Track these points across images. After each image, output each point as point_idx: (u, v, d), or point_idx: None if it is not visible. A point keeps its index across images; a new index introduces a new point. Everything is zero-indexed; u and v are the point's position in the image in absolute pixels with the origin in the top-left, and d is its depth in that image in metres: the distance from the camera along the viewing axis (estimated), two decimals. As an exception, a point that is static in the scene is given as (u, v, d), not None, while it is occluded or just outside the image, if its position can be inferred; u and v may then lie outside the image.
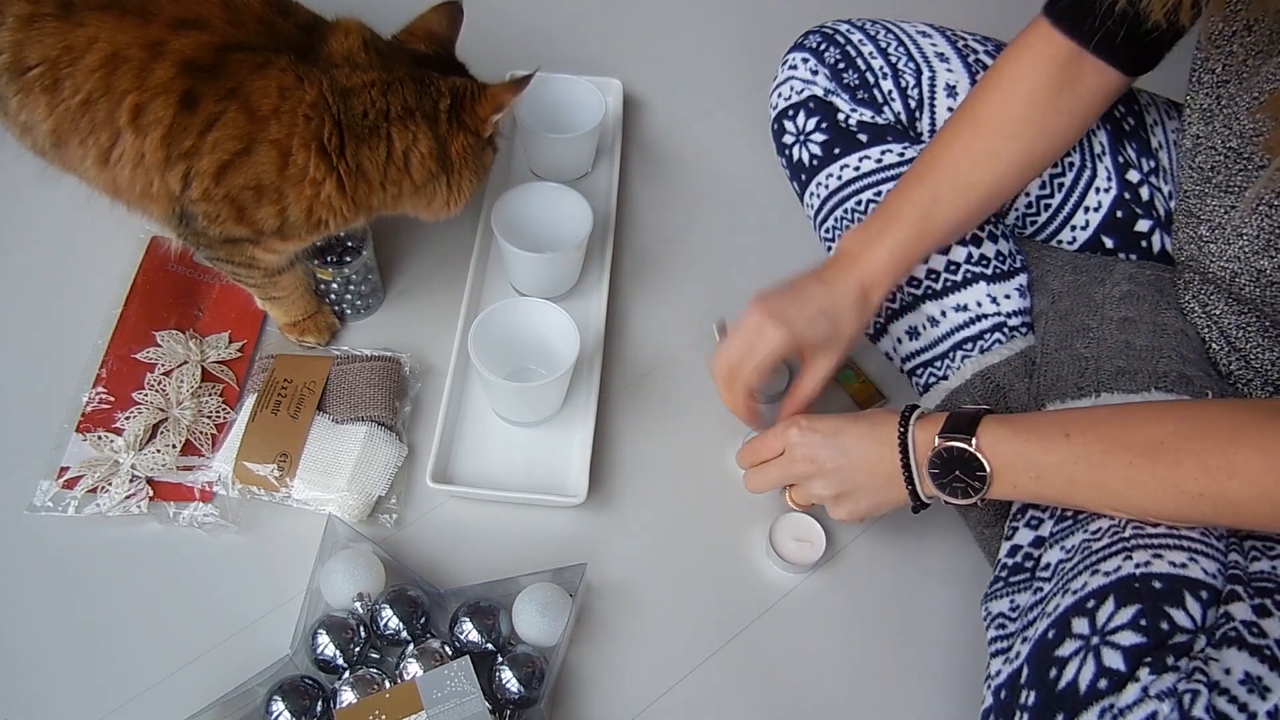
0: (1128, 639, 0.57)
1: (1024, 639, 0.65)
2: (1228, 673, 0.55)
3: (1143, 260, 0.87)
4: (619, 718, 0.81)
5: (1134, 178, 0.86)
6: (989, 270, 0.87)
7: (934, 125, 0.91)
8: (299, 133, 0.75)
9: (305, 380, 0.92)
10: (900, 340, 0.92)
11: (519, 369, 0.96)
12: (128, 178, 0.77)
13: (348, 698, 0.75)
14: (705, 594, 0.88)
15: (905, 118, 0.92)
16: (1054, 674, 0.59)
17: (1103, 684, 0.57)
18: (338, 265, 0.95)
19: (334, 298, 0.99)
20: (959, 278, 0.87)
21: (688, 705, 0.82)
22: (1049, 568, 0.69)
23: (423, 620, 0.81)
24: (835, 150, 0.93)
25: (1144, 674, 0.56)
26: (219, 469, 0.88)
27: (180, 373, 0.93)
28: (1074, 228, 0.89)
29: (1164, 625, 0.58)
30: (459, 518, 0.90)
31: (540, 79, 1.12)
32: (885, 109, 0.92)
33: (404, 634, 0.79)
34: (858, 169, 0.91)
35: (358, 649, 0.79)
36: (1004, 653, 0.68)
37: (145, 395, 0.92)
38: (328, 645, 0.78)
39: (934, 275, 0.88)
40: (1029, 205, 0.90)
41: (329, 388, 0.93)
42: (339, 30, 0.79)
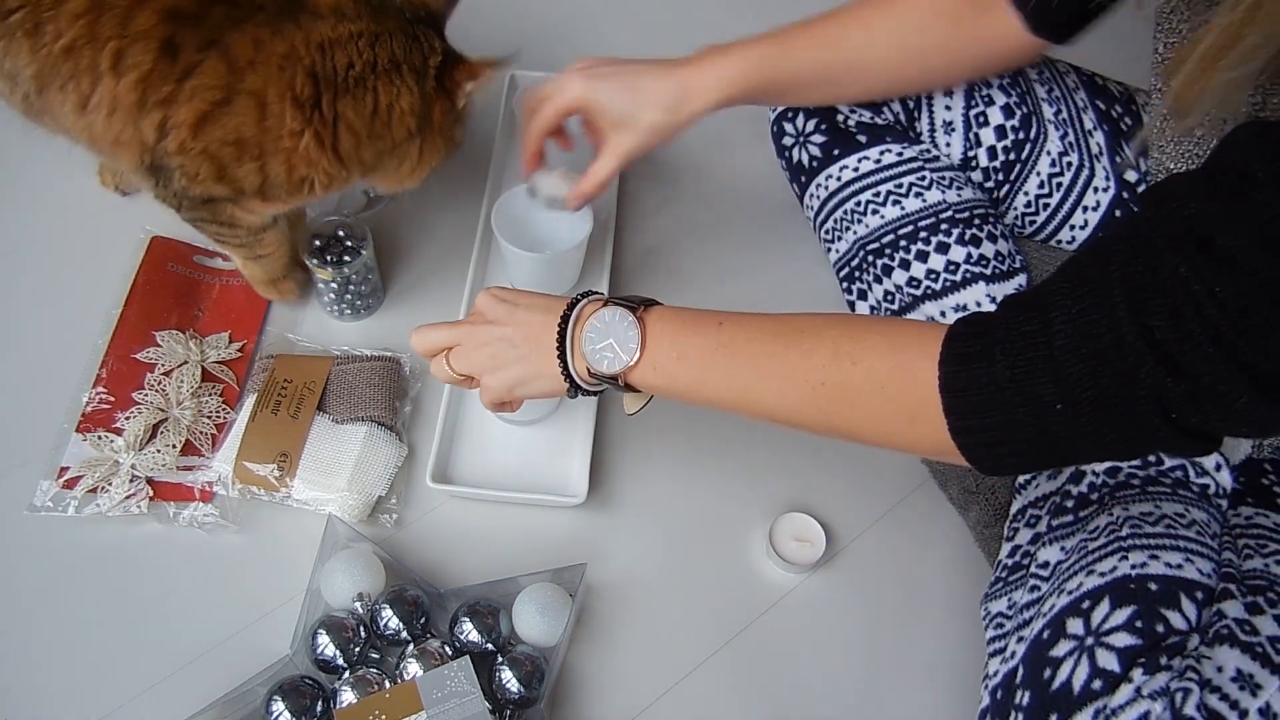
0: (1122, 640, 0.58)
1: (1019, 638, 0.65)
2: (1220, 670, 0.55)
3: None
4: (619, 718, 0.81)
5: (1132, 177, 0.87)
6: (988, 271, 0.87)
7: (932, 125, 0.91)
8: (274, 83, 0.75)
9: (305, 380, 0.92)
10: (899, 340, 0.92)
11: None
12: (103, 123, 0.76)
13: (348, 698, 0.75)
14: (705, 594, 0.88)
15: (904, 117, 0.92)
16: (1048, 674, 0.60)
17: (1096, 685, 0.57)
18: (338, 265, 0.95)
19: (334, 297, 0.99)
20: (958, 278, 0.87)
21: (688, 705, 0.82)
22: (1046, 565, 0.69)
23: (423, 620, 0.81)
24: (834, 151, 0.93)
25: (1137, 674, 0.56)
26: (219, 469, 0.88)
27: (180, 373, 0.93)
28: (1073, 227, 0.89)
29: (1159, 628, 0.58)
30: (459, 518, 0.90)
31: (541, 79, 1.12)
32: (884, 109, 0.92)
33: (404, 634, 0.79)
34: (857, 169, 0.91)
35: (358, 649, 0.79)
36: (1001, 652, 0.68)
37: (145, 395, 0.92)
38: (328, 645, 0.78)
39: (934, 276, 0.88)
40: (1028, 205, 0.90)
41: (329, 388, 0.93)
42: None
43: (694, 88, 0.82)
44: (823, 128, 0.93)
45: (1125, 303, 0.49)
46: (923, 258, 0.88)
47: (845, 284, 0.95)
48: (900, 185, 0.89)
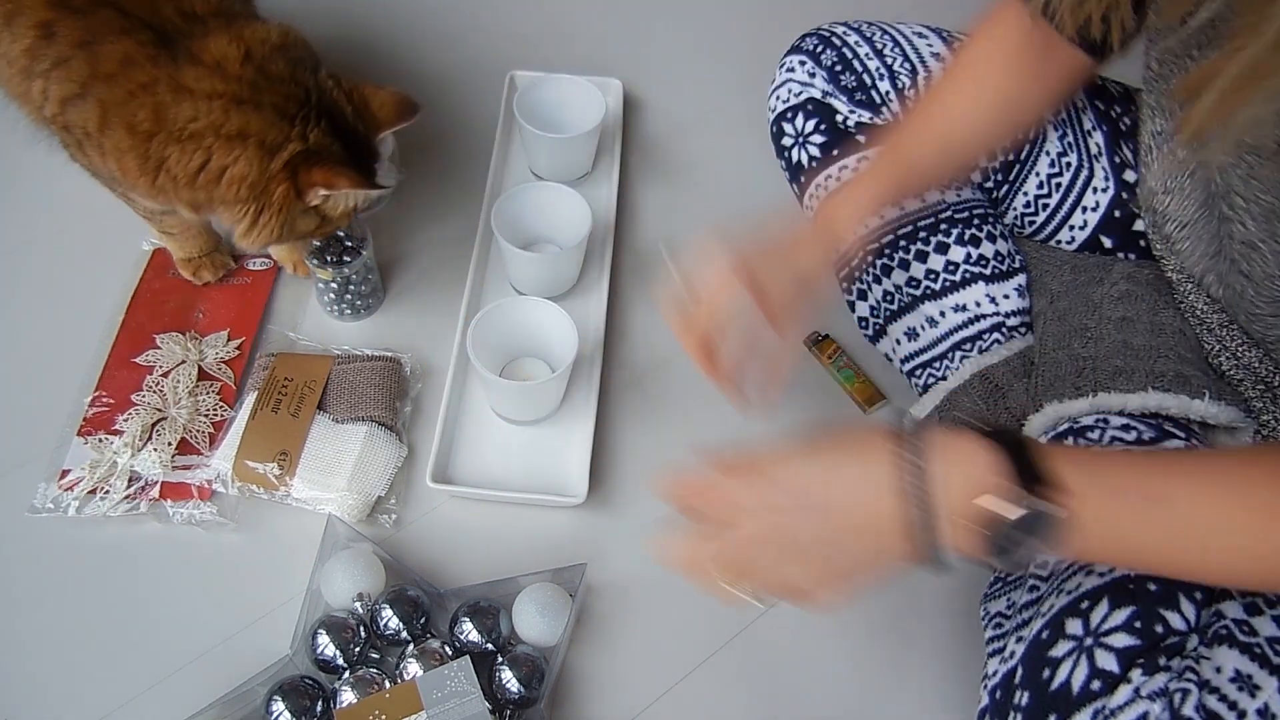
0: (1121, 640, 0.58)
1: (1018, 638, 0.65)
2: (1219, 671, 0.55)
3: (1141, 260, 0.87)
4: (619, 718, 0.82)
5: (1131, 178, 0.87)
6: (988, 270, 0.87)
7: (932, 125, 0.91)
8: (121, 103, 0.76)
9: (306, 379, 0.92)
10: (899, 341, 0.92)
11: (518, 367, 0.97)
12: (6, 73, 0.80)
13: (348, 698, 0.75)
14: (705, 594, 0.88)
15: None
16: (1047, 674, 0.60)
17: (1095, 685, 0.57)
18: (338, 265, 0.95)
19: (334, 297, 0.99)
20: (958, 278, 0.87)
21: (687, 706, 0.82)
22: (1045, 565, 0.69)
23: (423, 620, 0.81)
24: (834, 152, 0.93)
25: (1136, 675, 0.56)
26: (218, 466, 0.88)
27: (177, 373, 0.94)
28: (1072, 228, 0.89)
29: (1158, 628, 0.58)
30: (459, 518, 0.90)
31: (540, 79, 1.12)
32: (883, 110, 0.92)
33: (404, 634, 0.80)
34: (856, 170, 0.91)
35: (358, 649, 0.79)
36: (999, 652, 0.68)
37: (143, 396, 0.92)
38: (328, 645, 0.78)
39: (933, 275, 0.88)
40: (1027, 205, 0.90)
41: (329, 387, 0.93)
42: (230, 36, 0.78)
43: (842, 234, 0.78)
44: (823, 128, 0.93)
45: None
46: (922, 258, 0.88)
47: (845, 284, 0.95)
48: None
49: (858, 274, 0.93)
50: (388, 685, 0.76)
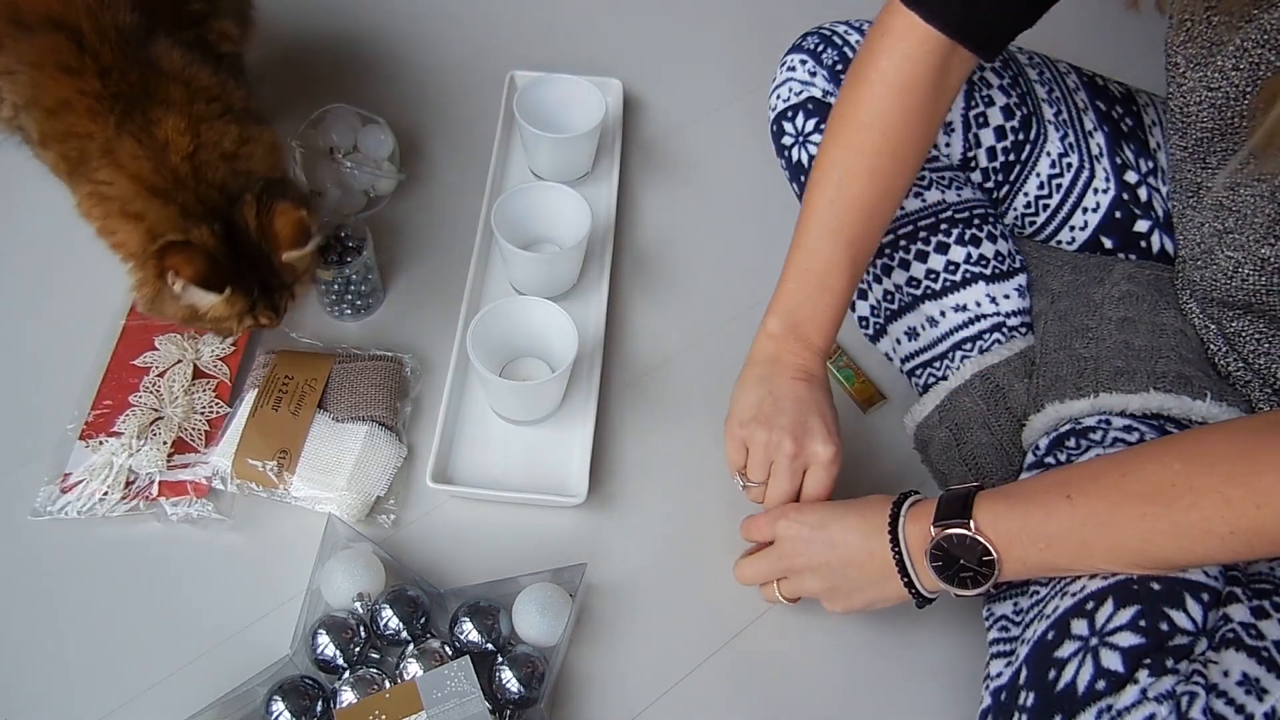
0: (1126, 640, 0.58)
1: (1023, 640, 0.65)
2: (1226, 675, 0.55)
3: (1142, 260, 0.87)
4: (619, 718, 0.81)
5: (1132, 178, 0.87)
6: (988, 270, 0.87)
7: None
8: (56, 135, 0.78)
9: (306, 378, 0.92)
10: (900, 341, 0.92)
11: (518, 367, 0.97)
12: None
13: (348, 698, 0.75)
14: (705, 594, 0.88)
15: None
16: (1053, 675, 0.60)
17: (1101, 685, 0.57)
18: (338, 265, 0.95)
19: (334, 298, 0.99)
20: (958, 278, 0.87)
21: (687, 706, 0.82)
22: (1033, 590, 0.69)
23: (423, 620, 0.81)
24: (834, 151, 0.92)
25: (1143, 676, 0.56)
26: (217, 464, 0.88)
27: (173, 372, 0.94)
28: (1073, 228, 0.89)
29: (1163, 626, 0.58)
30: (459, 518, 0.90)
31: (540, 79, 1.12)
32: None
33: (404, 634, 0.80)
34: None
35: (358, 649, 0.79)
36: (1005, 655, 0.68)
37: (139, 397, 0.92)
38: (328, 645, 0.78)
39: (933, 275, 0.88)
40: (1027, 205, 0.90)
41: (330, 386, 0.93)
42: (189, 123, 0.79)
43: (819, 344, 0.80)
44: (822, 128, 0.93)
45: None
46: (922, 257, 0.88)
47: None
48: None
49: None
50: (388, 685, 0.76)
